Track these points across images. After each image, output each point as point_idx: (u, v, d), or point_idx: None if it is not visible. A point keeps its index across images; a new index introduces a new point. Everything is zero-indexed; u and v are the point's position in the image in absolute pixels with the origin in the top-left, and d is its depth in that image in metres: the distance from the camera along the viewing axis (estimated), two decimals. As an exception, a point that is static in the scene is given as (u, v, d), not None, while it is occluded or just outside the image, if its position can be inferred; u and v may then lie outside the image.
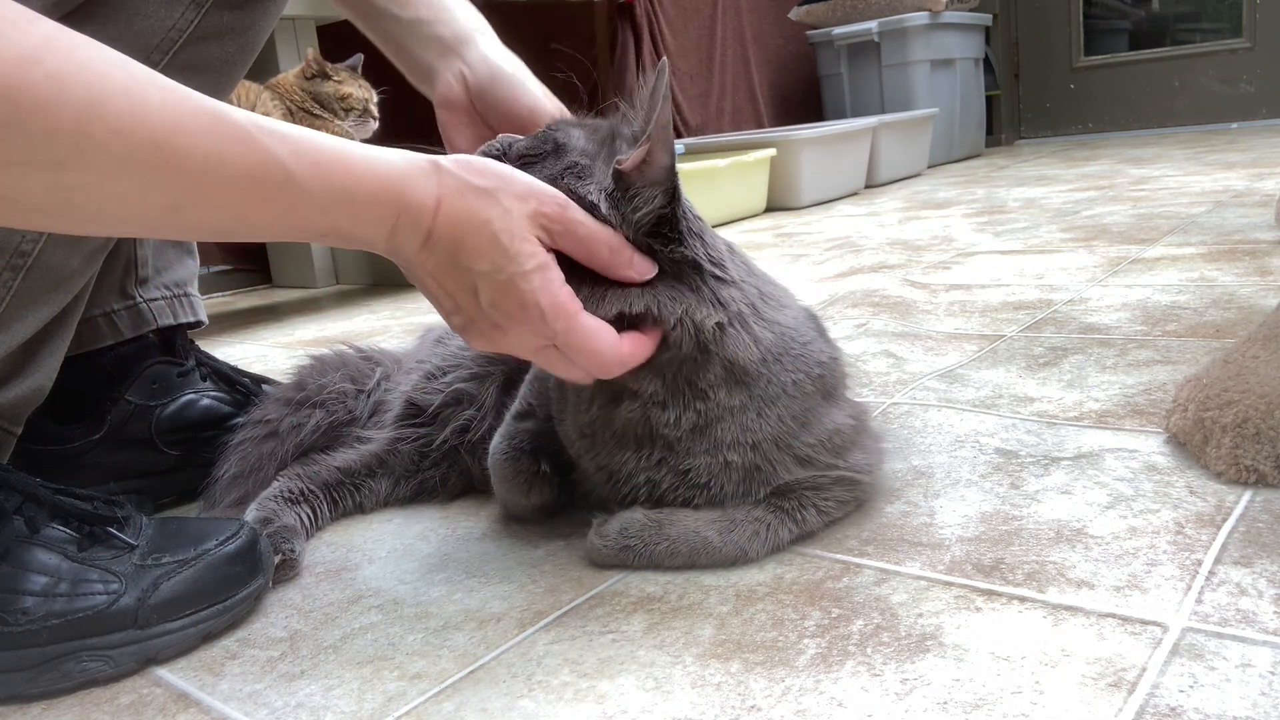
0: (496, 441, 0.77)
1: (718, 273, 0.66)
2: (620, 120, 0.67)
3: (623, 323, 0.63)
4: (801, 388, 0.68)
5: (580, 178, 0.64)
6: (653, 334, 0.64)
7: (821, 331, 0.75)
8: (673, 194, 0.64)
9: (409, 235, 0.57)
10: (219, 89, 0.72)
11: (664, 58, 0.63)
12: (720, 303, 0.65)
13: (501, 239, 0.58)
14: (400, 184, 0.56)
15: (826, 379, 0.70)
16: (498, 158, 0.65)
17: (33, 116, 0.43)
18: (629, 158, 0.63)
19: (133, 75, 0.48)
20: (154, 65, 0.66)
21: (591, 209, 0.62)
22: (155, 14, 0.65)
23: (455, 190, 0.57)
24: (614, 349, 0.62)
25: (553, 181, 0.62)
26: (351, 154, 0.55)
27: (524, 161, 0.65)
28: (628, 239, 0.63)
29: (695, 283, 0.65)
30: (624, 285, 0.63)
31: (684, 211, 0.66)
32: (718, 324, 0.65)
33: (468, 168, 0.59)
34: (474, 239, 0.57)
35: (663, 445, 0.68)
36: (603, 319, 0.62)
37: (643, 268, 0.64)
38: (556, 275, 0.60)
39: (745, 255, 0.71)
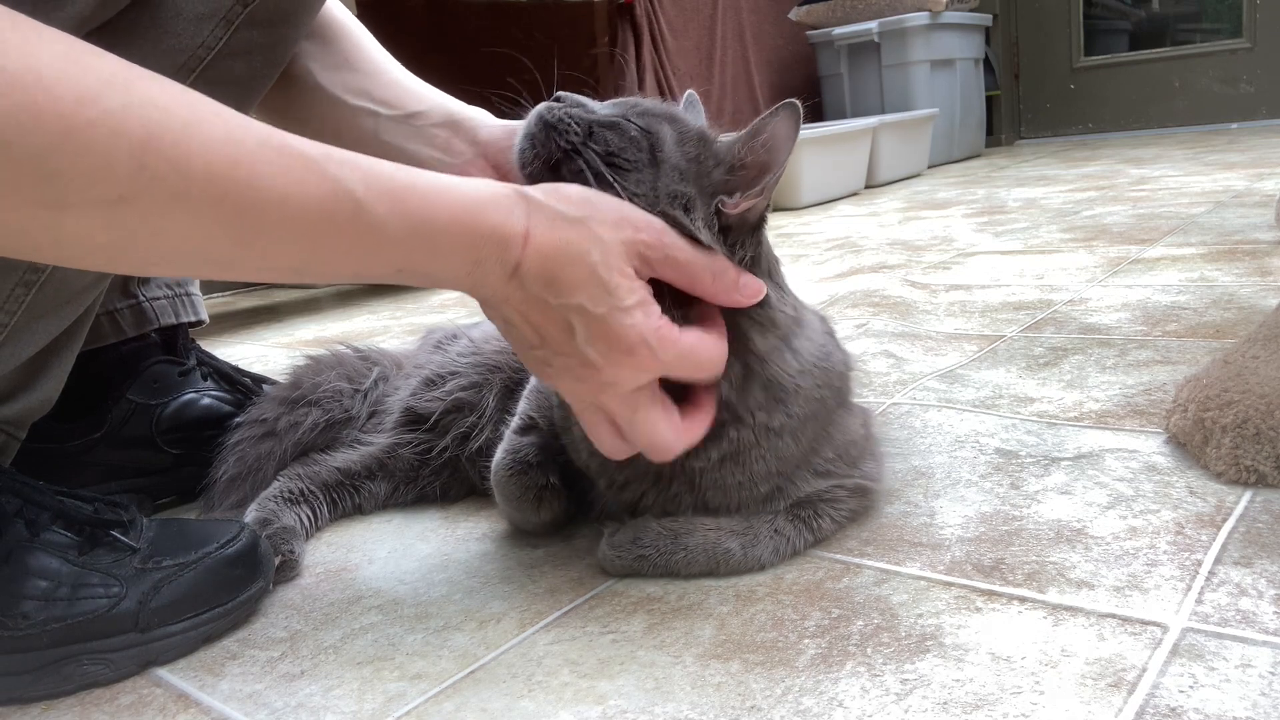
0: (499, 458, 0.75)
1: (777, 298, 0.65)
2: (710, 129, 0.65)
3: None
4: (825, 403, 0.68)
5: (688, 210, 0.60)
6: (721, 324, 0.63)
7: (832, 334, 0.74)
8: (762, 234, 0.64)
9: (494, 267, 0.54)
10: (244, 104, 0.72)
11: (796, 101, 0.60)
12: (775, 324, 0.65)
13: (600, 272, 0.55)
14: (482, 213, 0.53)
15: (844, 390, 0.71)
16: (579, 143, 0.60)
17: (89, 156, 0.42)
18: (738, 204, 0.61)
19: (193, 108, 0.47)
20: (181, 82, 0.65)
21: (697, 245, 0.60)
22: (185, 31, 0.65)
23: (546, 220, 0.55)
24: (720, 351, 0.61)
25: (653, 205, 0.59)
26: (428, 183, 0.53)
27: (614, 162, 0.60)
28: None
29: (760, 308, 0.64)
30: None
31: (764, 242, 0.65)
32: (771, 346, 0.64)
33: (556, 195, 0.56)
34: (570, 272, 0.55)
35: (682, 480, 0.67)
36: None
37: (751, 289, 0.61)
38: (655, 307, 0.58)
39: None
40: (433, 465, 0.85)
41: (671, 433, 0.61)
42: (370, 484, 0.85)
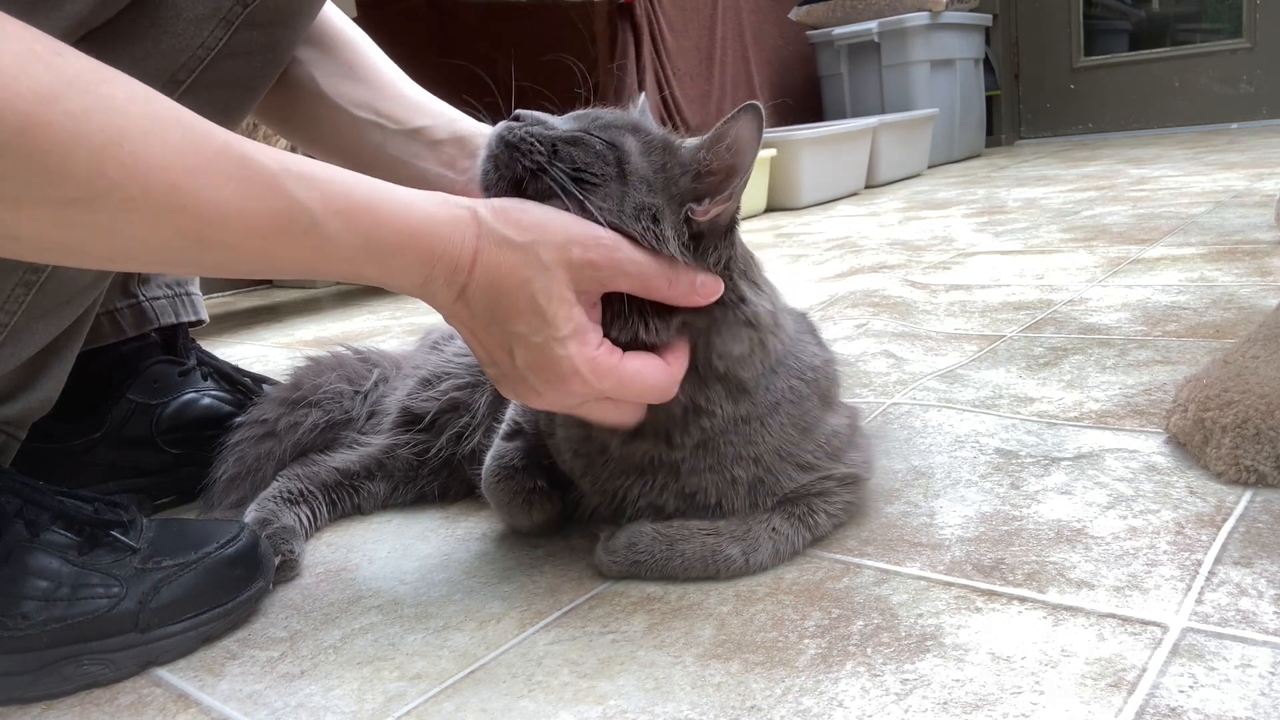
0: (487, 464, 0.75)
1: (753, 294, 0.65)
2: (670, 133, 0.64)
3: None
4: (798, 392, 0.67)
5: (656, 221, 0.60)
6: (683, 345, 0.63)
7: (812, 331, 0.74)
8: (734, 237, 0.64)
9: (443, 287, 0.56)
10: (244, 104, 0.72)
11: (757, 103, 0.59)
12: (752, 323, 0.64)
13: (539, 300, 0.56)
14: (433, 235, 0.54)
15: (821, 383, 0.70)
16: (544, 162, 0.59)
17: (46, 156, 0.43)
18: (708, 211, 0.60)
19: (156, 114, 0.47)
20: (181, 82, 0.65)
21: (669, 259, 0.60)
22: (184, 32, 0.65)
23: (493, 244, 0.56)
24: (667, 375, 0.61)
25: (621, 219, 0.59)
26: (385, 200, 0.54)
27: (581, 178, 0.59)
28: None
29: (735, 308, 0.63)
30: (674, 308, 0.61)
31: (737, 243, 0.65)
32: (741, 343, 0.64)
33: (505, 218, 0.57)
34: (510, 298, 0.56)
35: (666, 470, 0.67)
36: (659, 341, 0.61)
37: (708, 288, 0.61)
38: (594, 336, 0.58)
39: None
40: (431, 465, 0.85)
41: (622, 411, 0.63)
42: (369, 484, 0.85)
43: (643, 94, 0.71)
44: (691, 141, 0.64)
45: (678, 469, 0.67)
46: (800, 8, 3.82)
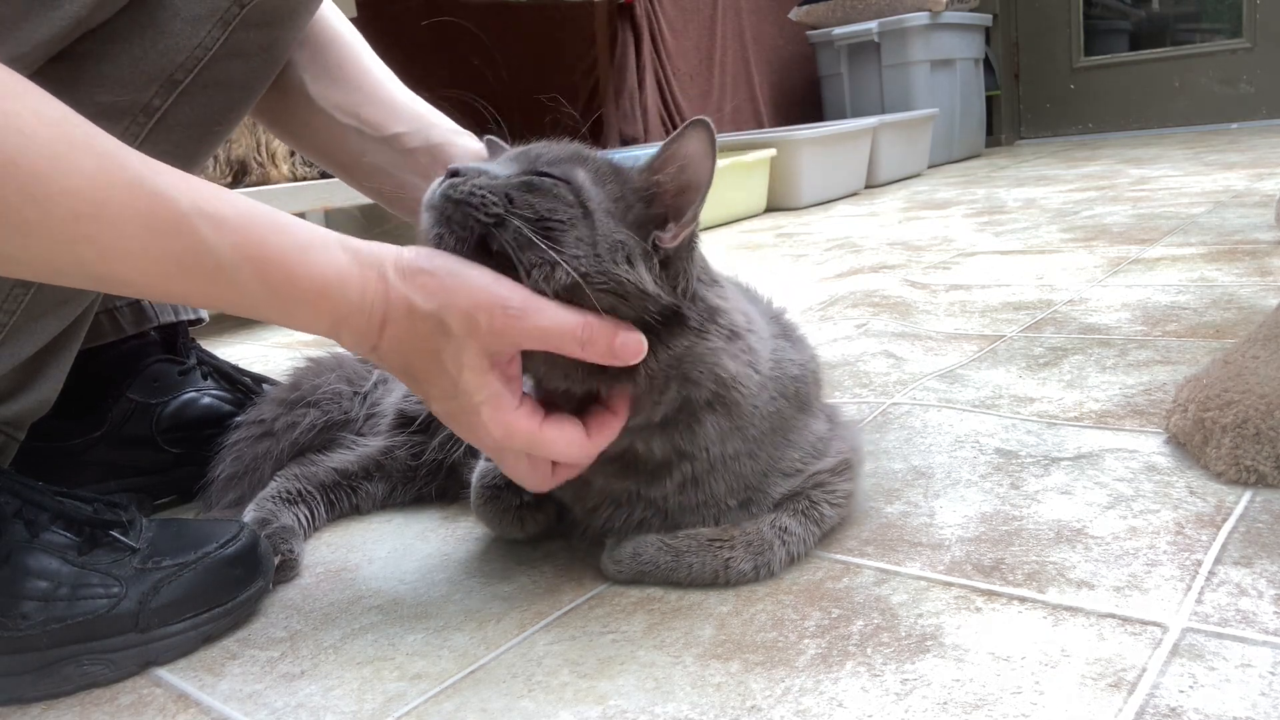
0: (473, 485, 0.74)
1: (720, 320, 0.63)
2: (610, 158, 0.63)
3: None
4: (780, 411, 0.66)
5: (630, 260, 0.58)
6: (620, 409, 0.61)
7: (788, 332, 0.73)
8: (695, 252, 0.63)
9: (353, 342, 0.57)
10: (241, 105, 0.72)
11: (705, 118, 0.57)
12: (729, 355, 0.62)
13: (449, 369, 0.56)
14: (343, 298, 0.54)
15: (801, 391, 0.69)
16: (504, 214, 0.56)
17: None
18: (676, 235, 0.59)
19: (67, 138, 0.46)
20: (178, 83, 0.65)
21: (644, 295, 0.58)
22: (181, 32, 0.65)
23: (402, 311, 0.55)
24: (582, 449, 0.60)
25: (595, 263, 0.56)
26: (299, 255, 0.53)
27: (548, 227, 0.56)
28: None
29: (701, 332, 0.61)
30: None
31: (698, 262, 0.63)
32: (722, 379, 0.62)
33: (413, 282, 0.55)
34: (421, 364, 0.56)
35: (650, 506, 0.66)
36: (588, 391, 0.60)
37: (628, 350, 0.57)
38: (508, 401, 0.57)
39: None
40: (427, 466, 0.85)
41: (535, 479, 0.62)
42: (367, 485, 0.85)
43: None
44: (639, 158, 0.62)
45: (659, 505, 0.66)
46: (800, 8, 3.82)
